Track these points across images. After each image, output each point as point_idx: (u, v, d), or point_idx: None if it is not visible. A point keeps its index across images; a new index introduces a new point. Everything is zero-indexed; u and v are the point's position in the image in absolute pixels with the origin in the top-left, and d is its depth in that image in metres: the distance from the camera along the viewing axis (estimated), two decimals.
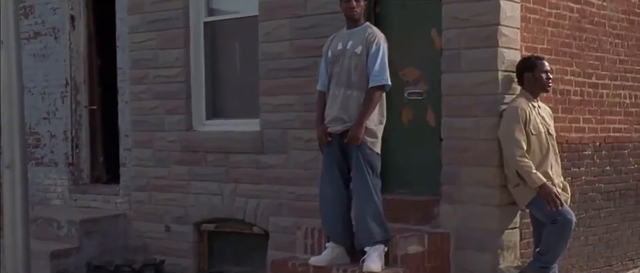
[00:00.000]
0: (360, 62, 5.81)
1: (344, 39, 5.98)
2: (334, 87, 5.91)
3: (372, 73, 5.76)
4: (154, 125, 8.27)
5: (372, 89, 5.76)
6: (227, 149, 7.67)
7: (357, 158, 5.78)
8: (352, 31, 5.96)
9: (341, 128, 5.83)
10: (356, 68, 5.81)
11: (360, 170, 5.78)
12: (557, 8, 6.54)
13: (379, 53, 5.80)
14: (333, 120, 5.89)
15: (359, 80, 5.80)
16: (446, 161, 6.24)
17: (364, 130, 5.72)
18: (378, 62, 5.78)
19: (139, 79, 8.40)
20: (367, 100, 5.74)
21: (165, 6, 8.13)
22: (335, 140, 5.88)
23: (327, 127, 5.89)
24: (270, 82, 7.34)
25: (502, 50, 5.97)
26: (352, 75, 5.82)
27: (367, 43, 5.83)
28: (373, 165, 5.82)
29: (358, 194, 5.84)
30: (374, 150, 5.82)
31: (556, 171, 5.94)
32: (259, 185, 7.43)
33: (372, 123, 5.80)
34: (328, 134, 5.88)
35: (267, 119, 7.39)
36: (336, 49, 5.97)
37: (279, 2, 7.24)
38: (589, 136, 6.90)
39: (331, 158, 5.93)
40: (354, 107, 5.78)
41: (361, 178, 5.79)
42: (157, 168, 8.25)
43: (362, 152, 5.76)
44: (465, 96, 6.10)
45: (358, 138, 5.71)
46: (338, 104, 5.84)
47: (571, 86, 6.72)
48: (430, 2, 6.39)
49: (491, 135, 5.97)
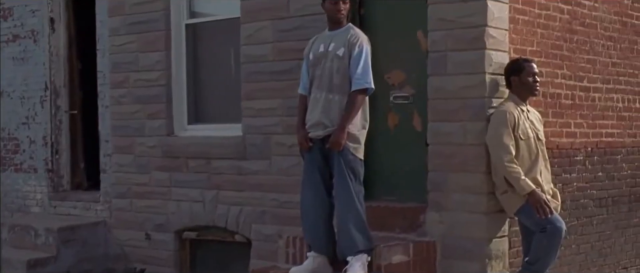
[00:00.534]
0: (343, 64, 5.67)
1: (325, 40, 5.83)
2: (316, 90, 5.77)
3: (354, 76, 5.63)
4: (134, 130, 8.15)
5: (355, 92, 5.62)
6: (208, 155, 7.55)
7: (339, 164, 5.63)
8: (334, 33, 5.81)
9: (323, 133, 5.68)
10: (338, 71, 5.67)
11: (342, 176, 5.64)
12: (547, 9, 6.42)
13: (361, 55, 5.66)
14: (314, 125, 5.74)
15: (341, 83, 5.66)
16: (432, 167, 6.11)
17: (346, 136, 5.58)
18: (361, 65, 5.63)
19: (119, 82, 8.27)
20: (350, 104, 5.60)
21: (146, 8, 8.00)
22: (316, 145, 5.73)
23: (308, 132, 5.75)
24: (252, 86, 7.22)
25: (490, 53, 5.85)
26: (334, 78, 5.67)
27: (350, 45, 5.68)
28: (356, 171, 5.68)
29: (340, 202, 5.69)
30: (356, 156, 5.68)
31: (546, 177, 5.82)
32: (241, 192, 7.31)
33: (354, 128, 5.66)
34: (309, 139, 5.74)
35: (249, 123, 7.26)
36: (318, 51, 5.82)
37: (261, 4, 7.12)
38: (581, 141, 6.80)
39: (312, 164, 5.78)
40: (335, 112, 5.64)
41: (343, 185, 5.65)
42: (138, 174, 8.13)
43: (344, 157, 5.62)
44: (451, 100, 5.97)
45: (340, 144, 5.57)
46: (319, 108, 5.70)
47: (562, 89, 6.61)
48: (416, 3, 6.27)
49: (478, 140, 5.85)
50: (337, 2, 5.73)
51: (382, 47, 6.44)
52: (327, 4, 5.79)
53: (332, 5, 5.75)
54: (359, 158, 5.69)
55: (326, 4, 5.79)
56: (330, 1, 5.75)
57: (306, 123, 5.78)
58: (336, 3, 5.73)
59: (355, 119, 5.64)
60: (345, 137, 5.57)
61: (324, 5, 5.82)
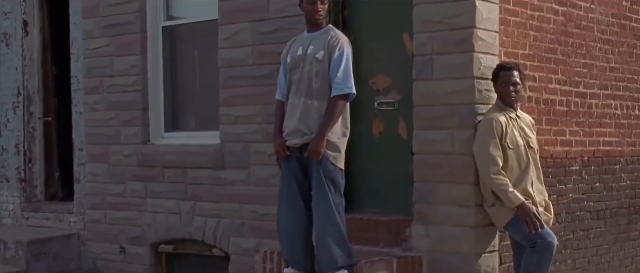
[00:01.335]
0: (322, 68, 5.50)
1: (304, 43, 5.64)
2: (293, 96, 5.59)
3: (335, 80, 5.46)
4: (109, 137, 7.99)
5: (335, 98, 5.45)
6: (185, 164, 7.39)
7: (318, 174, 5.45)
8: (313, 35, 5.64)
9: (300, 141, 5.51)
10: (317, 75, 5.50)
11: (321, 187, 5.45)
12: (540, 10, 6.28)
13: (342, 58, 5.49)
14: (292, 133, 5.56)
15: (320, 88, 5.49)
16: (418, 177, 5.94)
17: (325, 144, 5.40)
18: (341, 69, 5.46)
19: (93, 88, 8.10)
20: (329, 111, 5.43)
21: (121, 9, 7.83)
22: (294, 154, 5.55)
23: (285, 140, 5.57)
24: (230, 91, 7.05)
25: (479, 56, 5.69)
26: (313, 82, 5.51)
27: (330, 47, 5.51)
28: (335, 181, 5.50)
29: (319, 214, 5.51)
30: (336, 166, 5.50)
31: (537, 188, 5.65)
32: (219, 204, 7.14)
33: (334, 135, 5.48)
34: (286, 148, 5.55)
35: (227, 131, 7.09)
36: (296, 54, 5.64)
37: (240, 4, 6.94)
38: (577, 150, 6.67)
39: (289, 174, 5.60)
40: (314, 118, 5.46)
41: (322, 196, 5.46)
42: (112, 184, 7.96)
43: (323, 167, 5.43)
44: (438, 106, 5.81)
45: (319, 153, 5.39)
46: (297, 115, 5.52)
47: (556, 95, 6.47)
48: (402, 4, 6.11)
49: (466, 148, 5.69)
50: (315, 3, 5.56)
51: (367, 50, 6.31)
52: (304, 5, 5.62)
53: (309, 5, 5.58)
54: (339, 168, 5.53)
55: (303, 4, 5.62)
56: (307, 1, 5.57)
57: (283, 130, 5.60)
58: (314, 3, 5.56)
59: (335, 126, 5.47)
60: (325, 145, 5.39)
61: (302, 5, 5.65)
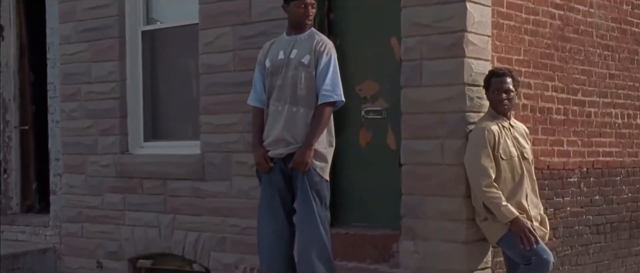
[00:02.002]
0: (308, 73, 5.34)
1: (285, 46, 5.47)
2: (275, 102, 5.42)
3: (322, 87, 5.31)
4: (86, 147, 7.84)
5: (323, 105, 5.29)
6: (164, 175, 7.25)
7: (303, 186, 5.29)
8: (296, 38, 5.46)
9: (285, 151, 5.33)
10: (303, 81, 5.33)
11: (306, 200, 5.29)
12: (535, 14, 6.13)
13: (330, 64, 5.35)
14: (275, 142, 5.38)
15: (306, 94, 5.34)
16: (406, 190, 5.77)
17: (313, 153, 5.22)
18: (329, 75, 5.33)
19: (70, 95, 7.96)
20: (317, 119, 5.27)
21: (99, 13, 7.69)
22: (277, 165, 5.38)
23: (268, 150, 5.38)
24: (211, 99, 6.91)
25: (470, 61, 5.53)
26: (298, 89, 5.34)
27: (316, 52, 5.35)
28: (321, 194, 5.35)
29: (302, 228, 5.34)
30: (323, 177, 5.35)
31: (532, 202, 5.48)
32: (200, 217, 7.00)
33: (321, 145, 5.32)
34: (269, 159, 5.35)
35: (207, 140, 6.94)
36: (276, 58, 5.46)
37: (221, 8, 6.80)
38: (575, 161, 6.54)
39: (272, 187, 5.42)
40: (300, 127, 5.30)
41: (307, 209, 5.30)
42: (90, 196, 7.82)
43: (309, 179, 5.28)
44: (427, 114, 5.65)
45: (306, 163, 5.23)
46: (281, 123, 5.34)
47: (553, 103, 6.33)
48: (390, 7, 5.97)
49: (457, 159, 5.52)
50: (307, 6, 5.40)
51: (353, 55, 6.19)
52: (292, 7, 5.43)
53: (299, 9, 5.40)
54: (325, 179, 5.38)
55: (291, 6, 5.44)
56: (297, 4, 5.40)
57: (264, 140, 5.42)
58: (305, 7, 5.39)
59: (321, 135, 5.30)
60: (312, 155, 5.23)
61: (288, 8, 5.47)
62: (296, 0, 5.37)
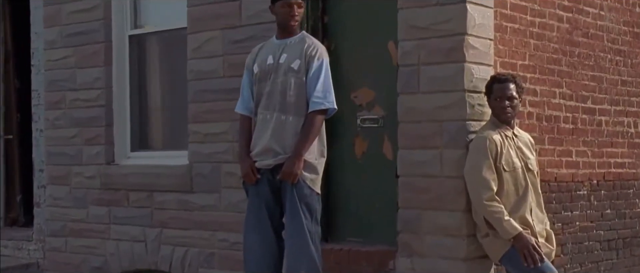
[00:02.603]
0: (298, 79, 5.16)
1: (274, 51, 5.29)
2: (264, 110, 5.24)
3: (313, 94, 5.13)
4: (71, 157, 7.67)
5: (314, 113, 5.12)
6: (151, 187, 7.07)
7: (292, 199, 5.10)
8: (286, 42, 5.28)
9: (273, 162, 5.14)
10: (293, 87, 5.15)
11: (295, 214, 5.10)
12: (541, 16, 5.97)
13: (322, 70, 5.17)
14: (263, 152, 5.19)
15: (296, 102, 5.15)
16: (403, 203, 5.60)
17: (302, 164, 5.05)
18: (321, 81, 5.15)
19: (55, 103, 7.80)
20: (307, 127, 5.09)
21: (85, 17, 7.53)
22: (264, 177, 5.20)
23: (255, 161, 5.20)
24: (199, 106, 6.74)
25: (470, 66, 5.36)
26: (287, 95, 5.16)
27: (307, 57, 5.17)
28: (312, 208, 5.16)
29: (292, 244, 5.15)
30: (313, 190, 5.16)
31: (537, 216, 5.28)
32: (187, 231, 6.82)
33: (311, 156, 5.14)
34: (257, 170, 5.18)
35: (196, 150, 6.77)
36: (265, 63, 5.28)
37: (210, 10, 6.63)
38: (584, 172, 6.40)
39: (259, 200, 5.23)
40: (289, 136, 5.12)
41: (296, 224, 5.11)
42: (74, 209, 7.64)
43: (299, 191, 5.09)
44: (425, 123, 5.48)
45: (295, 174, 5.05)
46: (269, 132, 5.16)
47: (561, 112, 6.18)
48: (388, 9, 5.79)
49: (457, 171, 5.34)
50: (291, 6, 5.20)
51: (349, 60, 6.05)
52: (277, 8, 5.26)
53: (283, 8, 5.22)
54: (316, 192, 5.20)
55: (276, 7, 5.26)
56: (281, 4, 5.21)
57: (252, 150, 5.24)
58: (290, 6, 5.20)
59: (312, 145, 5.12)
60: (302, 166, 5.06)
61: (274, 8, 5.29)
62: (281, 0, 5.18)
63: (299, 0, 5.22)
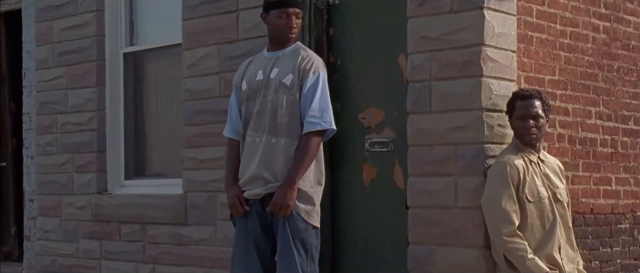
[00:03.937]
0: (291, 96, 4.80)
1: (265, 65, 4.94)
2: (252, 132, 4.88)
3: (308, 113, 4.77)
4: (61, 186, 7.48)
5: (309, 135, 4.75)
6: (144, 219, 6.84)
7: (284, 234, 4.72)
8: (277, 54, 4.92)
9: (262, 191, 4.78)
10: (284, 105, 4.80)
11: (288, 251, 4.72)
12: (574, 25, 5.67)
13: (318, 85, 4.80)
14: (251, 181, 4.82)
15: (288, 122, 4.80)
16: (414, 238, 5.30)
17: (296, 194, 4.70)
18: (317, 98, 4.78)
19: (46, 127, 7.63)
20: (302, 151, 4.73)
21: (77, 34, 7.37)
22: (253, 208, 4.83)
23: (243, 190, 4.85)
24: (194, 129, 6.49)
25: (489, 81, 5.06)
26: (278, 115, 4.80)
27: (301, 71, 4.81)
28: (307, 244, 4.77)
29: None
30: (309, 223, 4.77)
31: (567, 254, 4.96)
32: (181, 267, 6.57)
33: (307, 184, 4.76)
34: (245, 201, 4.83)
35: (191, 178, 6.52)
36: (254, 79, 4.93)
37: (205, 24, 6.39)
38: (626, 203, 6.15)
39: (247, 235, 4.85)
40: (281, 161, 4.76)
41: (289, 263, 4.72)
42: (64, 243, 7.46)
43: (292, 225, 4.71)
44: (437, 146, 5.20)
45: (287, 206, 4.68)
46: (258, 157, 4.80)
47: (598, 133, 5.90)
48: (398, 20, 5.48)
49: (474, 201, 5.04)
50: (289, 16, 4.84)
51: (356, 77, 5.81)
52: (272, 17, 4.89)
53: (280, 19, 4.85)
54: (312, 225, 4.80)
55: (271, 16, 4.89)
56: (278, 13, 4.84)
57: (240, 178, 4.88)
58: (288, 17, 4.83)
59: (307, 171, 4.75)
60: (295, 196, 4.69)
61: (267, 17, 4.92)
62: (277, 9, 4.80)
63: (298, 10, 4.84)
